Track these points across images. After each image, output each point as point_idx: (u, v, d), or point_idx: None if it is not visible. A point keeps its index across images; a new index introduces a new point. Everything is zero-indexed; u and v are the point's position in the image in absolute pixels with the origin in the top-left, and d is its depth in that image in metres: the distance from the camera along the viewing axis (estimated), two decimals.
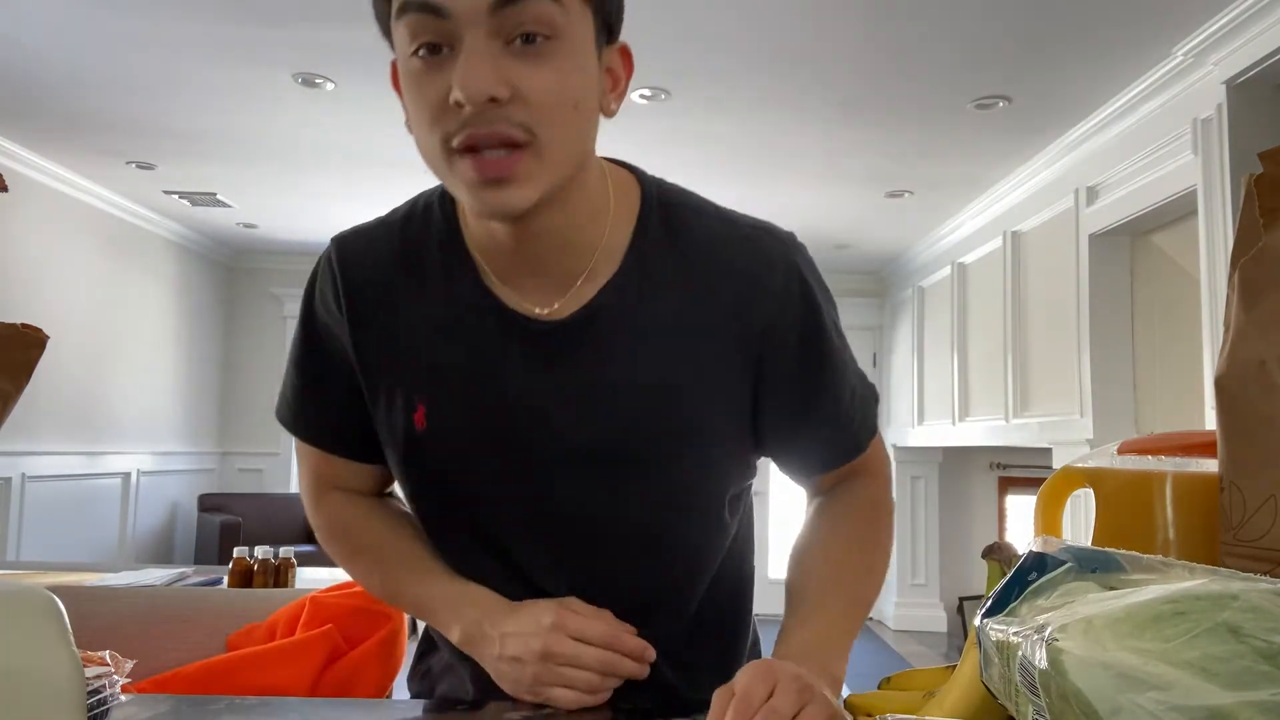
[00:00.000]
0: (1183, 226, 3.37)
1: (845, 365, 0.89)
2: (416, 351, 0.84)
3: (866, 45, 2.98)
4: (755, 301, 0.83)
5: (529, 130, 0.70)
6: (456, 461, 0.85)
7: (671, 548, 0.88)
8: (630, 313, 0.82)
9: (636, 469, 0.84)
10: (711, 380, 0.83)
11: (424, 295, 0.84)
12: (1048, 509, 0.78)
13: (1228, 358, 0.63)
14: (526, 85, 0.69)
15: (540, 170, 0.72)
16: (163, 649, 1.61)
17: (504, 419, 0.83)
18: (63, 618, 0.51)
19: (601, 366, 0.82)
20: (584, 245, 0.81)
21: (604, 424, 0.82)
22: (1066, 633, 0.45)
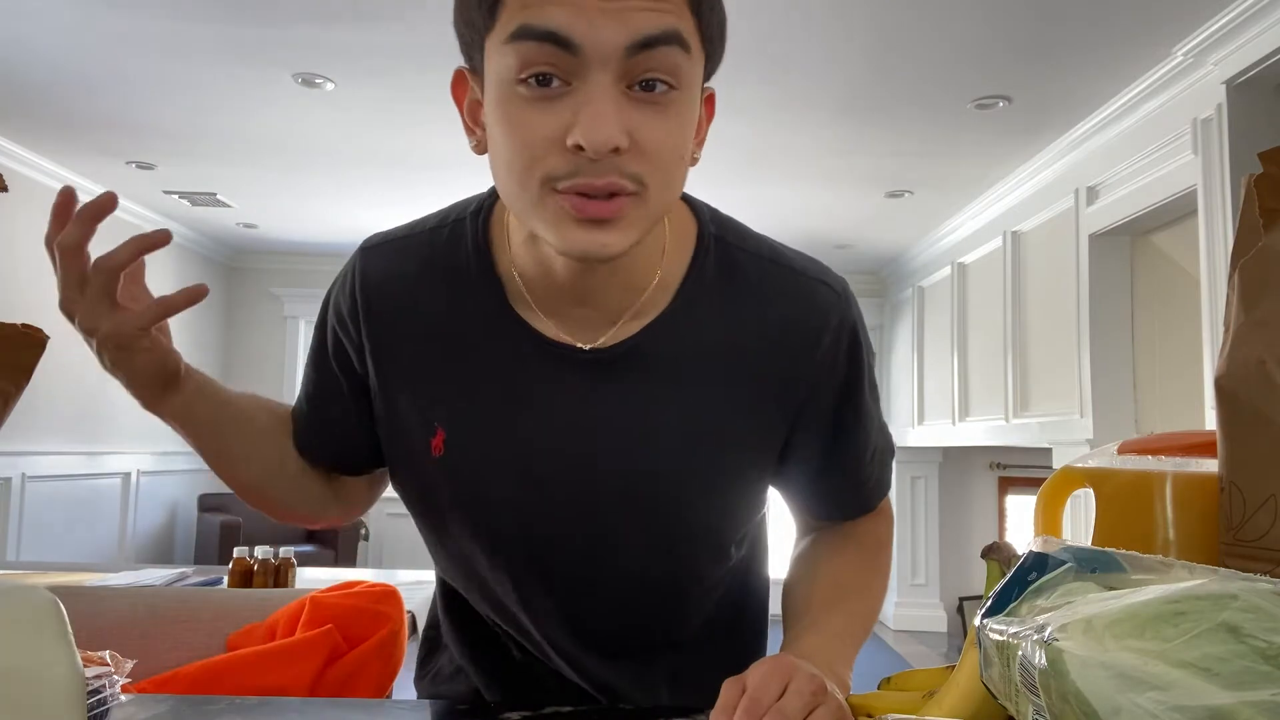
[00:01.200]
0: (1183, 226, 3.37)
1: (873, 423, 0.89)
2: (439, 374, 0.81)
3: (866, 45, 2.98)
4: (805, 358, 0.81)
5: (639, 181, 0.67)
6: (472, 489, 0.81)
7: (681, 586, 0.88)
8: (676, 351, 0.79)
9: (662, 508, 0.82)
10: (749, 427, 0.82)
11: (449, 317, 0.81)
12: (1048, 509, 0.78)
13: (1228, 358, 0.63)
14: (644, 137, 0.66)
15: (641, 218, 0.69)
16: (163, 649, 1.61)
17: (531, 450, 0.80)
18: (63, 618, 0.51)
19: (642, 402, 0.79)
20: (638, 283, 0.79)
21: (638, 461, 0.80)
22: (1066, 633, 0.45)
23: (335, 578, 2.14)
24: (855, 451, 0.88)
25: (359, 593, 1.71)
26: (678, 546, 0.85)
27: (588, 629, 0.86)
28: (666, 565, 0.85)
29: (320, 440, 0.90)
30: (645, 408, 0.79)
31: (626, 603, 0.86)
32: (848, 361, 0.84)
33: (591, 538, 0.82)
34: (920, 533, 6.21)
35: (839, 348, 0.83)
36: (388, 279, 0.83)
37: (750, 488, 0.86)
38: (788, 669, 0.67)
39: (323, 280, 6.44)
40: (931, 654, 5.48)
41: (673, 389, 0.79)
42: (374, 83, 3.34)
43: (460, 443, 0.80)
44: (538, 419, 0.79)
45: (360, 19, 2.86)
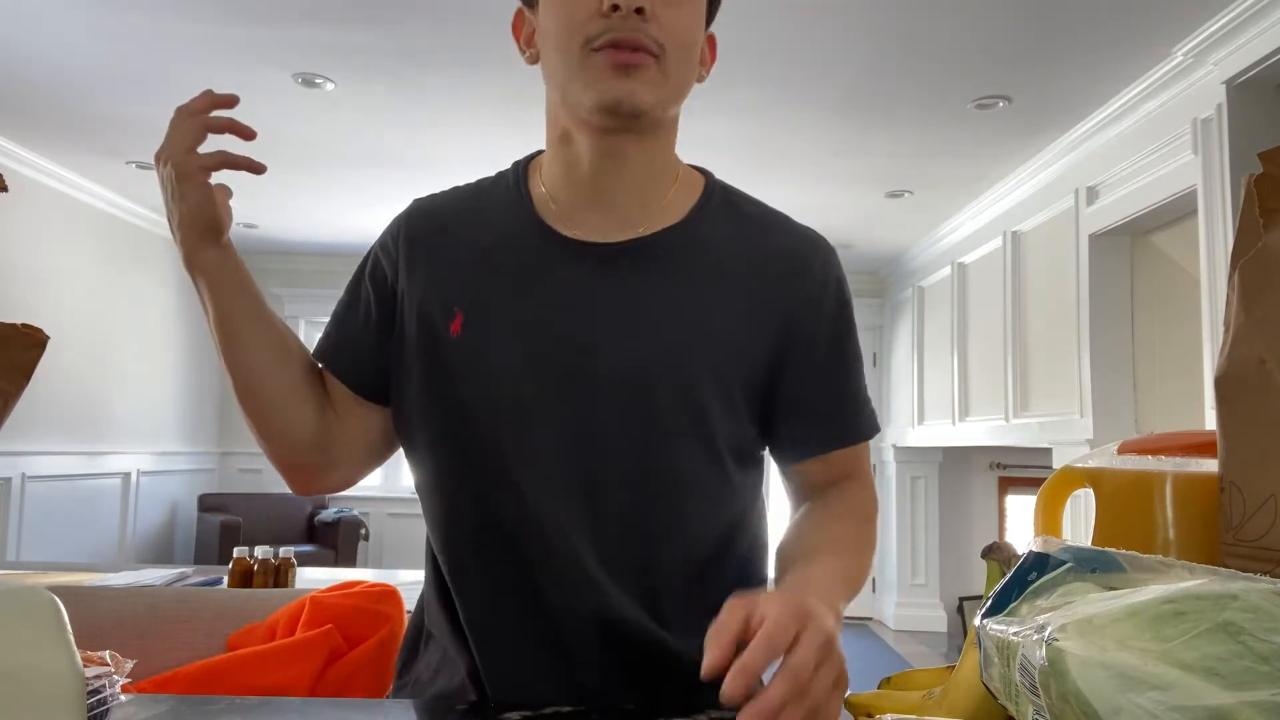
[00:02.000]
0: (1183, 226, 3.37)
1: (859, 366, 0.97)
2: (462, 265, 0.91)
3: (866, 45, 2.98)
4: (797, 278, 0.91)
5: (659, 45, 0.83)
6: (485, 372, 0.87)
7: (677, 485, 0.88)
8: (681, 256, 0.90)
9: (662, 398, 0.86)
10: (743, 329, 0.89)
11: (480, 226, 0.93)
12: (1048, 509, 0.78)
13: (1228, 358, 0.63)
14: (664, 14, 0.83)
15: (659, 80, 0.84)
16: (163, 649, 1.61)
17: (542, 335, 0.87)
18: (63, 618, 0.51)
19: (644, 294, 0.88)
20: (652, 196, 0.91)
21: (640, 351, 0.86)
22: (1066, 633, 0.45)
23: (335, 578, 2.14)
24: (848, 379, 0.95)
25: (359, 593, 1.71)
26: (671, 435, 0.87)
27: (590, 527, 0.86)
28: (661, 455, 0.87)
29: (336, 345, 0.97)
30: (647, 299, 0.88)
31: (625, 489, 0.87)
32: (838, 294, 0.94)
33: (588, 418, 0.86)
34: (920, 533, 6.21)
35: (828, 278, 0.93)
36: (432, 205, 0.97)
37: (741, 389, 0.90)
38: (803, 615, 0.64)
39: (323, 280, 6.44)
40: (931, 654, 5.48)
41: (674, 286, 0.89)
42: (374, 83, 3.34)
43: (475, 324, 0.88)
44: (547, 301, 0.88)
45: (360, 19, 2.86)
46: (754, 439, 0.94)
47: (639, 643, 0.88)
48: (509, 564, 0.88)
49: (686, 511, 0.90)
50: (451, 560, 0.92)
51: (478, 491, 0.89)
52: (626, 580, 0.88)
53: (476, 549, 0.90)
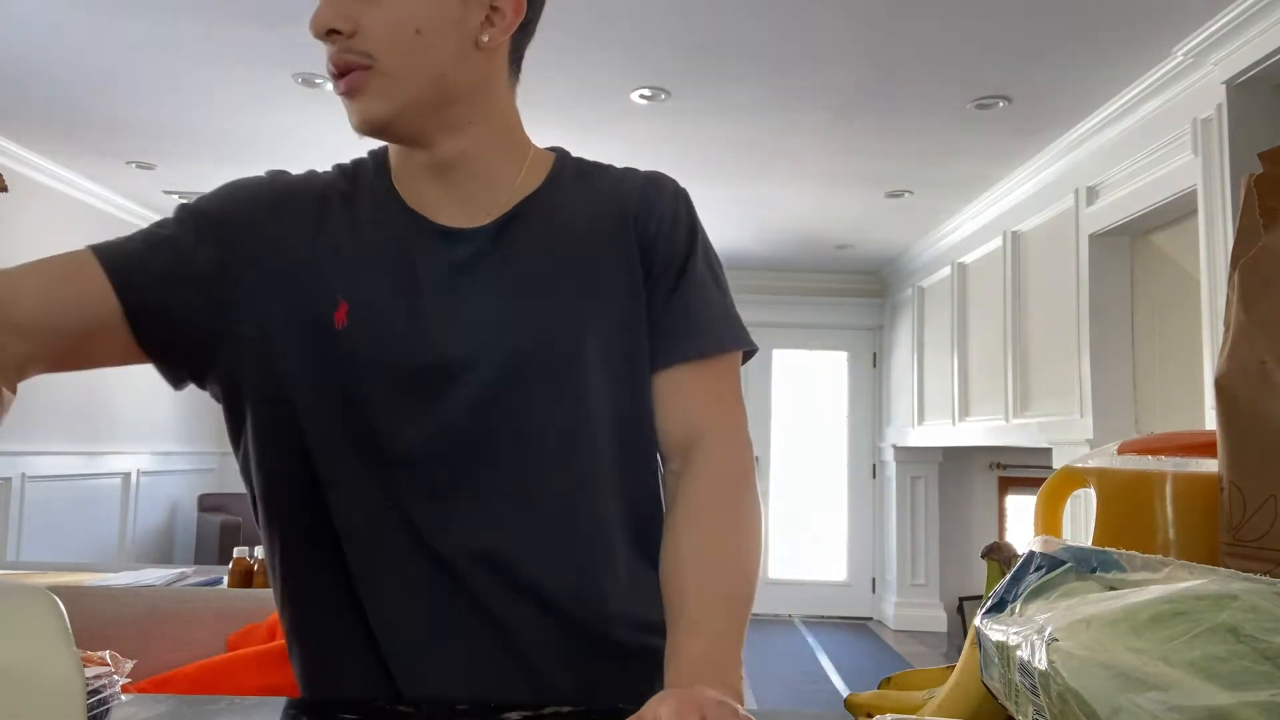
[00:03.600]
0: (1183, 226, 3.37)
1: (714, 284, 0.95)
2: (342, 252, 0.88)
3: (866, 45, 2.98)
4: (648, 216, 0.92)
5: (369, 55, 0.81)
6: (371, 362, 0.85)
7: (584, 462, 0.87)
8: (542, 225, 0.90)
9: (548, 377, 0.86)
10: (611, 281, 0.90)
11: (352, 214, 0.91)
12: (1048, 509, 0.78)
13: (1228, 358, 0.63)
14: (365, 20, 0.81)
15: (386, 87, 0.82)
16: (163, 649, 1.61)
17: (423, 323, 0.85)
18: (63, 618, 0.51)
19: (516, 270, 0.88)
20: (499, 181, 0.90)
21: (520, 327, 0.86)
22: (1066, 633, 0.45)
23: None
24: (696, 292, 0.93)
25: None
26: (568, 400, 0.87)
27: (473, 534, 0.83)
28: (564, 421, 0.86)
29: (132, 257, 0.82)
30: (518, 272, 0.88)
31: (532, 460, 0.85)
32: (685, 223, 0.94)
33: (482, 413, 0.85)
34: (920, 533, 6.21)
35: (679, 206, 0.94)
36: (297, 185, 0.93)
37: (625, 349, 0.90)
38: (696, 705, 0.65)
39: None
40: (931, 654, 5.48)
41: (543, 254, 0.89)
42: None
43: (360, 314, 0.85)
44: (423, 291, 0.86)
45: None
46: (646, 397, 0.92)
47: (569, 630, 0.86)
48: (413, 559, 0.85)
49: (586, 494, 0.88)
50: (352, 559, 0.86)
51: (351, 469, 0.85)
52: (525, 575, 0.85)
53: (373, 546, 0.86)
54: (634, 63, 3.14)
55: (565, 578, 0.86)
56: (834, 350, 6.75)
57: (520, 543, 0.85)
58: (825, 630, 6.12)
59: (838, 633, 6.06)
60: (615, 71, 3.19)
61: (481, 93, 0.88)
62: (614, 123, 3.61)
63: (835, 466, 6.69)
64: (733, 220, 5.04)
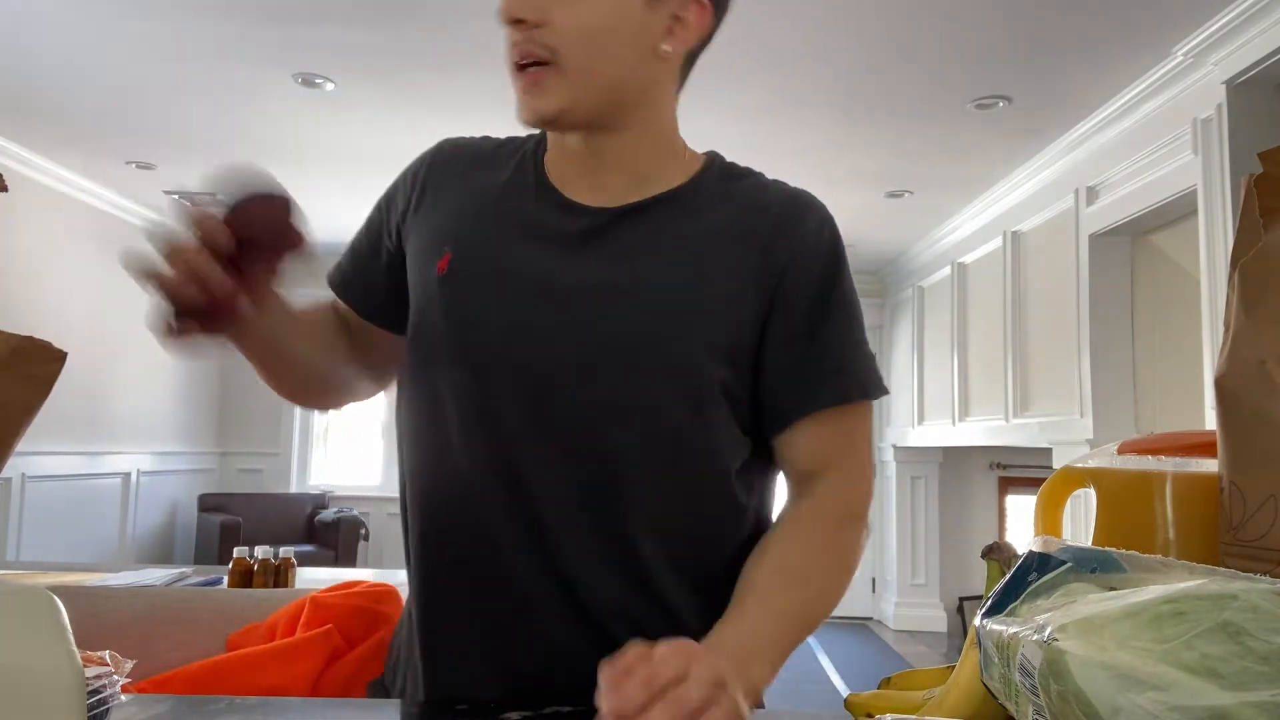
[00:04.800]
0: (1183, 226, 3.37)
1: (850, 324, 0.91)
2: (464, 207, 0.92)
3: (866, 45, 2.98)
4: (786, 238, 0.88)
5: (553, 51, 0.81)
6: (461, 317, 0.87)
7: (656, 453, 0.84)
8: (670, 221, 0.88)
9: (612, 380, 0.83)
10: (728, 297, 0.86)
11: (493, 174, 0.94)
12: (1048, 509, 0.78)
13: (1228, 358, 0.63)
14: (557, 13, 0.81)
15: (562, 85, 0.82)
16: (163, 649, 1.61)
17: (524, 287, 0.86)
18: (63, 618, 0.51)
19: (631, 259, 0.86)
20: (648, 177, 0.90)
21: (620, 315, 0.84)
22: (1066, 633, 0.45)
23: (335, 578, 2.14)
24: (839, 334, 0.89)
25: (359, 593, 1.71)
26: (644, 399, 0.84)
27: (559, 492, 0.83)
28: (639, 420, 0.84)
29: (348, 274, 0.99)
30: (628, 261, 0.86)
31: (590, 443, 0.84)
32: (830, 251, 0.90)
33: (555, 377, 0.84)
34: (920, 533, 6.21)
35: (822, 233, 0.90)
36: (457, 147, 0.98)
37: (729, 358, 0.86)
38: (693, 658, 0.64)
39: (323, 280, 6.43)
40: (931, 654, 5.48)
41: (662, 248, 0.87)
42: (374, 83, 3.34)
43: (460, 264, 0.88)
44: (535, 254, 0.87)
45: (360, 19, 2.86)
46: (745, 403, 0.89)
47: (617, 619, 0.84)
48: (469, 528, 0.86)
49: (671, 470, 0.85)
50: (415, 522, 0.92)
51: (445, 439, 0.87)
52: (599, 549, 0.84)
53: (438, 509, 0.89)
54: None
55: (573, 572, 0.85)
56: None
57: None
58: (825, 630, 6.12)
59: (838, 633, 6.06)
60: None
61: (650, 98, 0.88)
62: None
63: None
64: None
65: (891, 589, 6.31)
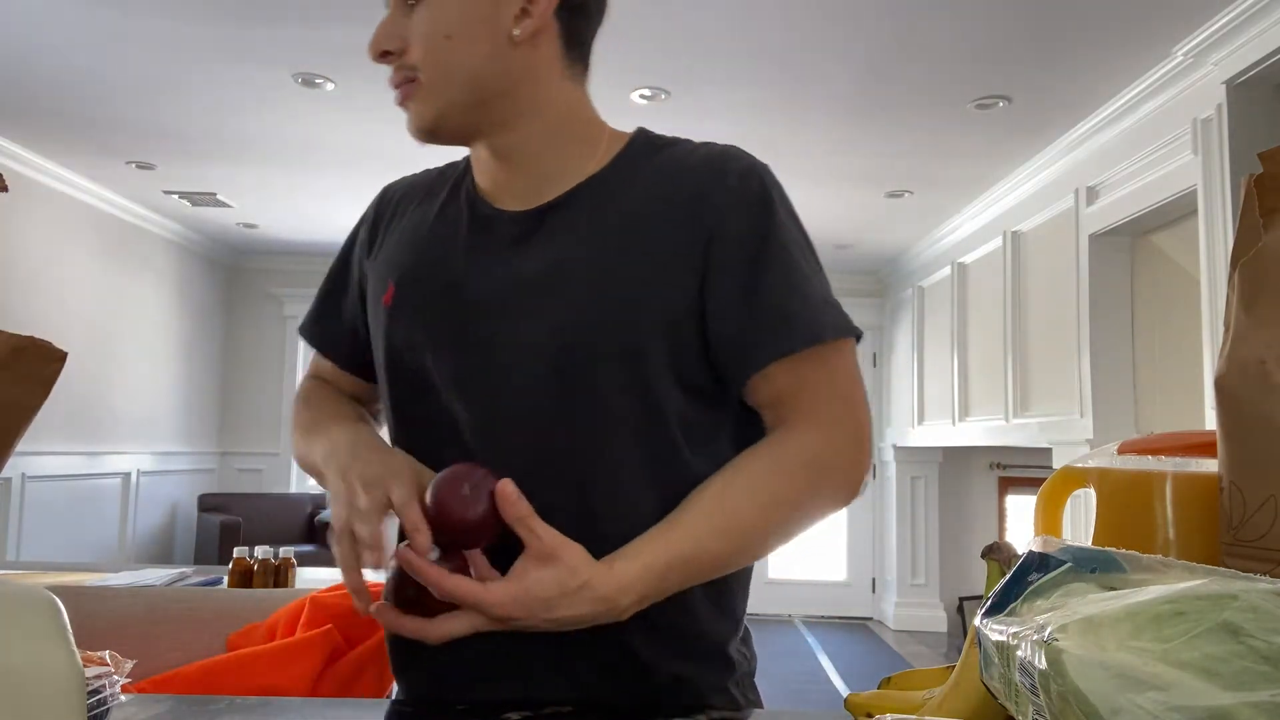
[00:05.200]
0: (1183, 226, 3.37)
1: (797, 270, 0.86)
2: (404, 241, 0.95)
3: (866, 45, 2.98)
4: (710, 194, 0.86)
5: (414, 69, 0.85)
6: (403, 342, 0.89)
7: (612, 463, 0.83)
8: (594, 208, 0.88)
9: (586, 368, 0.82)
10: (661, 272, 0.84)
11: (429, 201, 0.97)
12: (1048, 509, 0.78)
13: (1228, 358, 0.63)
14: (413, 33, 0.85)
15: (426, 95, 0.85)
16: (163, 649, 1.61)
17: (461, 301, 0.87)
18: (63, 618, 0.51)
19: (558, 255, 0.86)
20: (564, 168, 0.90)
21: (558, 315, 0.84)
22: (1066, 633, 0.45)
23: (335, 578, 2.14)
24: (778, 280, 0.85)
25: None
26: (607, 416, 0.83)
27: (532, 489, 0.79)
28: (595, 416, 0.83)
29: (318, 323, 1.04)
30: (560, 256, 0.86)
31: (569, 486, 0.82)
32: (759, 201, 0.87)
33: (501, 390, 0.85)
34: (920, 533, 6.21)
35: (749, 183, 0.87)
36: (399, 184, 1.03)
37: (674, 340, 0.84)
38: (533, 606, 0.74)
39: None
40: (931, 654, 5.48)
41: (588, 238, 0.87)
42: (374, 83, 3.34)
43: (403, 292, 0.91)
44: (463, 269, 0.89)
45: (360, 19, 2.86)
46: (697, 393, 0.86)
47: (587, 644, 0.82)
48: None
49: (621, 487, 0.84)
50: None
51: (433, 439, 0.89)
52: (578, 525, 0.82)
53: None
54: (634, 63, 3.14)
55: None
56: None
57: None
58: (825, 630, 6.12)
59: (838, 633, 6.06)
60: (615, 71, 3.19)
61: (526, 86, 0.87)
62: (614, 123, 3.60)
63: None
64: None
65: (891, 589, 6.31)
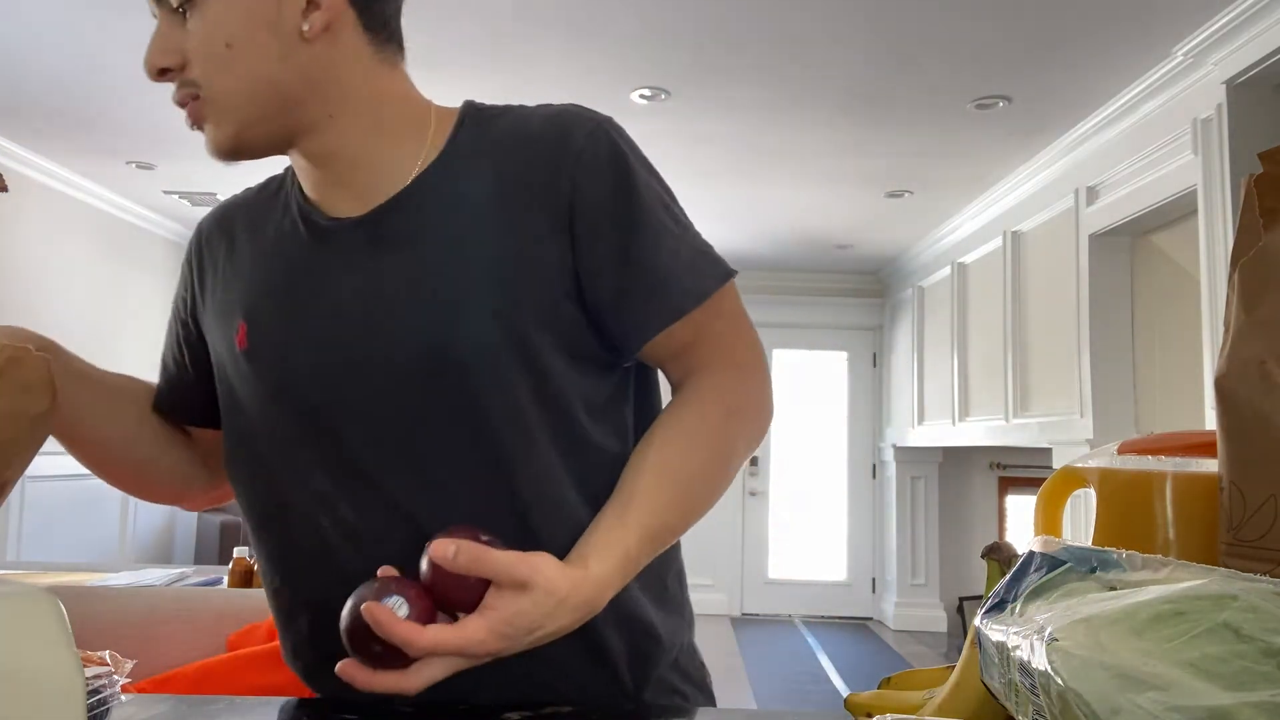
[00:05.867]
0: (1183, 226, 3.37)
1: (665, 228, 0.82)
2: (242, 276, 0.86)
3: (866, 45, 2.98)
4: (559, 164, 0.79)
5: (196, 85, 0.77)
6: (279, 378, 0.81)
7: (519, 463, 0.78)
8: (439, 199, 0.80)
9: (474, 371, 0.77)
10: (528, 252, 0.78)
11: (260, 225, 0.88)
12: (1048, 509, 0.78)
13: (1228, 358, 0.63)
14: (188, 47, 0.77)
15: (218, 111, 0.77)
16: (163, 649, 1.61)
17: (321, 326, 0.80)
18: (63, 618, 0.51)
19: (413, 256, 0.79)
20: (394, 163, 0.82)
21: (428, 320, 0.77)
22: (1066, 633, 0.45)
23: None
24: (650, 243, 0.80)
25: None
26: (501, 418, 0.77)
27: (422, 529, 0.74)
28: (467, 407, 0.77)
29: (165, 388, 0.95)
30: (412, 260, 0.79)
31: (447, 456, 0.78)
32: (610, 162, 0.80)
33: (397, 399, 0.78)
34: (920, 533, 6.21)
35: (598, 144, 0.80)
36: (219, 213, 0.93)
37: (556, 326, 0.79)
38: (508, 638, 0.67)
39: None
40: (931, 654, 5.48)
41: (439, 232, 0.79)
42: None
43: (258, 331, 0.82)
44: (316, 292, 0.81)
45: None
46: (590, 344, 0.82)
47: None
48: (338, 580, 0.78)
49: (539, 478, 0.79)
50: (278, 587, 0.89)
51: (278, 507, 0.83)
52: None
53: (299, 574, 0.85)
54: (634, 63, 3.14)
55: None
56: (834, 350, 6.75)
57: None
58: (825, 630, 6.12)
59: (838, 633, 6.06)
60: (615, 71, 3.19)
61: (331, 83, 0.78)
62: None
63: (835, 466, 6.69)
64: (733, 220, 5.04)
65: (891, 589, 6.31)
